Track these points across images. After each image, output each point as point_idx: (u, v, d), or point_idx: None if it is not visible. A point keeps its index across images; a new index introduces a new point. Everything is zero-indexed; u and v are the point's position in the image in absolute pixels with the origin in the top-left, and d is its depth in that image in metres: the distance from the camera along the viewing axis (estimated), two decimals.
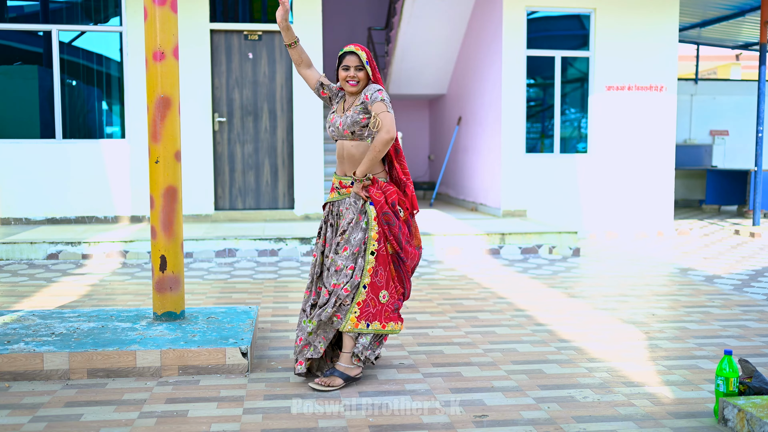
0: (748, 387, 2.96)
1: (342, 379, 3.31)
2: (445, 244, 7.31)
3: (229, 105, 8.74)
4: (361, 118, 3.31)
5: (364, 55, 3.31)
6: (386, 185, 3.38)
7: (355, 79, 3.33)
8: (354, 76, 3.33)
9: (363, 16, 13.18)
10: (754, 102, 12.12)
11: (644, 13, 9.13)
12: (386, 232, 3.33)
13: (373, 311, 3.31)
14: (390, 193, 3.36)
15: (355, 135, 3.34)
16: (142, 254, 6.90)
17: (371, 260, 3.29)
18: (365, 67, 3.32)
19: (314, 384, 3.28)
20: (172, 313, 3.93)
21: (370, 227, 3.31)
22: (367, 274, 3.29)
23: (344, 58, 3.34)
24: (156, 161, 3.85)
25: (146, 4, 3.83)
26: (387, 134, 3.20)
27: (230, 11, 8.87)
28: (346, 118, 3.35)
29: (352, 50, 3.33)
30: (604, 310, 4.98)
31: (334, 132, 3.41)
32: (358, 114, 3.32)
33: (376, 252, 3.30)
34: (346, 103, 3.45)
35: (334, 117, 3.44)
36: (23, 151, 8.26)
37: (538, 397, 3.20)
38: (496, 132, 9.18)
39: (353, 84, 3.34)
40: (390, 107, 3.28)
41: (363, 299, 3.28)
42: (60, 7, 8.61)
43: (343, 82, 3.37)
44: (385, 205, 3.33)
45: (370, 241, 3.30)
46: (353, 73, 3.32)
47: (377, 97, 3.26)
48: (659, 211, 9.33)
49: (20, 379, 3.35)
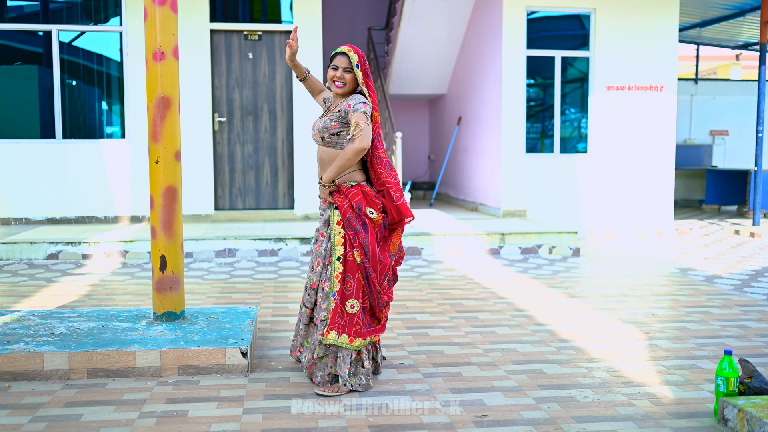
0: (748, 387, 2.96)
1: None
2: (445, 244, 7.31)
3: (229, 105, 8.74)
4: (333, 125, 3.27)
5: (355, 58, 3.27)
6: (351, 189, 3.26)
7: (341, 81, 3.29)
8: (341, 77, 3.28)
9: (363, 16, 13.17)
10: (754, 102, 12.12)
11: (644, 13, 9.13)
12: (351, 237, 3.23)
13: (341, 322, 3.20)
14: (353, 196, 3.25)
15: (325, 141, 3.32)
16: (142, 254, 6.90)
17: (338, 266, 3.24)
18: (354, 70, 3.27)
19: (320, 390, 3.24)
20: (172, 313, 3.93)
21: (333, 233, 3.26)
22: (335, 281, 3.22)
23: (335, 57, 3.31)
24: (156, 161, 3.85)
25: (146, 4, 3.83)
26: (360, 143, 3.15)
27: (230, 11, 8.87)
28: (320, 122, 3.34)
29: (343, 51, 3.29)
30: (604, 310, 4.98)
31: (313, 135, 3.41)
32: (332, 121, 3.28)
33: (343, 257, 3.23)
34: (330, 107, 3.42)
35: (317, 121, 3.42)
36: (23, 151, 8.26)
37: (538, 397, 3.20)
38: (496, 132, 9.18)
39: (339, 85, 3.30)
40: (369, 121, 3.22)
41: (332, 308, 3.21)
42: (60, 7, 8.61)
43: (330, 81, 3.34)
44: (349, 210, 3.24)
45: (335, 247, 3.25)
46: (340, 74, 3.28)
47: (360, 108, 3.20)
48: (659, 211, 9.33)
49: (20, 379, 3.35)
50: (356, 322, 3.23)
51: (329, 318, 3.21)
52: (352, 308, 3.23)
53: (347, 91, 3.32)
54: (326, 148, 3.33)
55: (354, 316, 3.23)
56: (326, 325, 3.22)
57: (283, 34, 8.77)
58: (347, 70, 3.28)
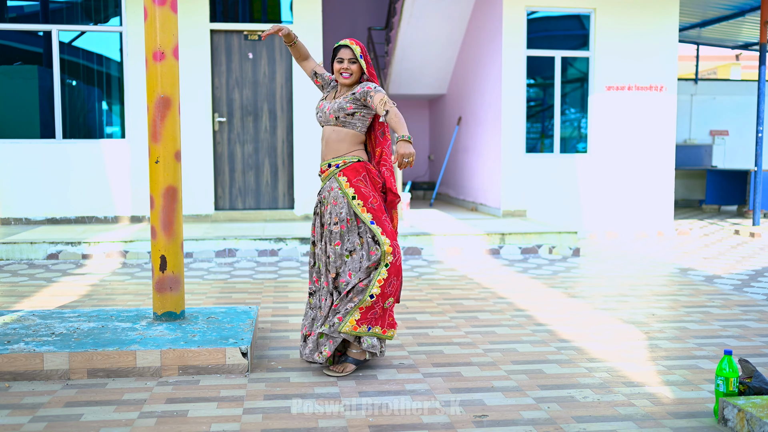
0: (748, 387, 2.96)
1: (354, 365, 3.48)
2: (445, 244, 7.31)
3: (229, 105, 8.74)
4: (348, 106, 3.46)
5: (357, 49, 3.47)
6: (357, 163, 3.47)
7: (348, 71, 3.49)
8: (347, 68, 3.48)
9: (363, 16, 13.18)
10: (754, 102, 12.12)
11: (644, 13, 9.13)
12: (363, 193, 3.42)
13: (375, 316, 3.42)
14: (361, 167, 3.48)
15: (339, 120, 3.49)
16: (142, 254, 6.90)
17: (383, 272, 3.38)
18: (358, 61, 3.48)
19: (329, 371, 3.44)
20: (172, 313, 3.93)
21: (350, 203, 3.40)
22: (377, 284, 3.37)
23: (338, 51, 3.51)
24: (156, 161, 3.85)
25: (146, 4, 3.83)
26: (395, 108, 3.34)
27: (230, 11, 8.87)
28: (334, 104, 3.50)
29: (346, 44, 3.50)
30: (604, 310, 4.98)
31: (321, 117, 3.57)
32: (347, 102, 3.47)
33: (390, 264, 3.38)
34: (337, 93, 3.59)
35: (323, 104, 3.59)
36: (23, 151, 8.27)
37: (538, 397, 3.20)
38: (496, 132, 9.18)
39: (346, 76, 3.50)
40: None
41: (367, 306, 3.37)
42: (60, 7, 8.61)
43: (337, 74, 3.52)
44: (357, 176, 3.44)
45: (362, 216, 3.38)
46: (347, 65, 3.48)
47: (381, 90, 3.42)
48: (659, 211, 9.33)
49: (20, 379, 3.35)
50: (389, 315, 3.48)
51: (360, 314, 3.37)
52: (388, 305, 3.45)
53: (354, 80, 3.53)
54: (339, 128, 3.50)
55: (388, 310, 3.46)
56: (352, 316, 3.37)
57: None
58: (352, 61, 3.49)
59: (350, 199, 3.41)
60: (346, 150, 3.49)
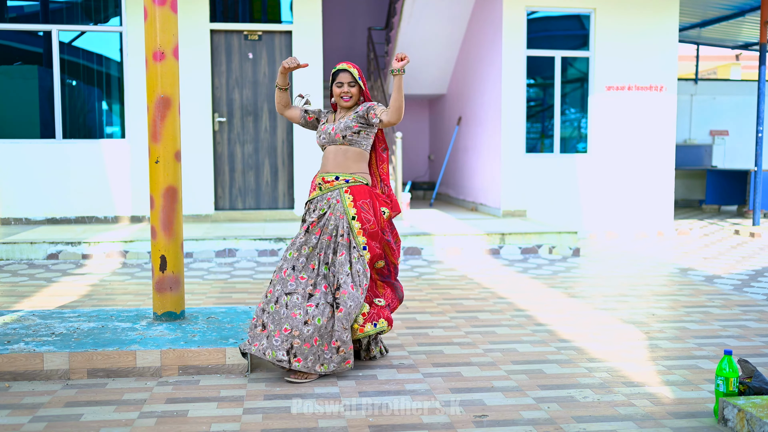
0: (748, 387, 2.96)
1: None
2: (445, 244, 7.31)
3: (229, 105, 8.74)
4: (354, 124, 3.55)
5: (356, 72, 3.58)
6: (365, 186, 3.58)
7: (348, 94, 3.59)
8: (347, 92, 3.59)
9: (363, 16, 13.17)
10: (754, 102, 12.12)
11: (644, 13, 9.13)
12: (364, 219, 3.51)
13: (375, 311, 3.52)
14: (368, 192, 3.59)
15: (346, 139, 3.56)
16: (142, 254, 6.90)
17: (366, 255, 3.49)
18: (358, 83, 3.59)
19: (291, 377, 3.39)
20: (172, 313, 3.93)
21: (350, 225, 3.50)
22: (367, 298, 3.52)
23: (337, 75, 3.60)
24: (156, 161, 3.86)
25: (146, 4, 3.83)
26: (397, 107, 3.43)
27: (230, 11, 8.87)
28: (339, 124, 3.58)
29: (344, 68, 3.59)
30: (604, 310, 4.98)
31: (325, 138, 3.62)
32: (352, 121, 3.56)
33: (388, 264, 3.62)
34: (337, 116, 3.68)
35: (325, 126, 3.66)
36: (23, 151, 8.26)
37: (538, 397, 3.20)
38: (496, 132, 9.18)
39: (347, 99, 3.60)
40: None
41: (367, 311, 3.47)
42: (60, 7, 8.61)
43: (337, 98, 3.62)
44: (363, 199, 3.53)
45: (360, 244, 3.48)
46: (347, 88, 3.59)
47: (381, 105, 3.55)
48: (659, 211, 9.33)
49: (20, 379, 3.35)
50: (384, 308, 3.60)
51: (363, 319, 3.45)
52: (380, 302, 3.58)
53: (354, 102, 3.63)
54: (345, 146, 3.57)
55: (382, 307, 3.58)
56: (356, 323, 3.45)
57: (283, 34, 8.77)
58: (352, 84, 3.59)
59: (350, 219, 3.49)
60: (355, 168, 3.58)
